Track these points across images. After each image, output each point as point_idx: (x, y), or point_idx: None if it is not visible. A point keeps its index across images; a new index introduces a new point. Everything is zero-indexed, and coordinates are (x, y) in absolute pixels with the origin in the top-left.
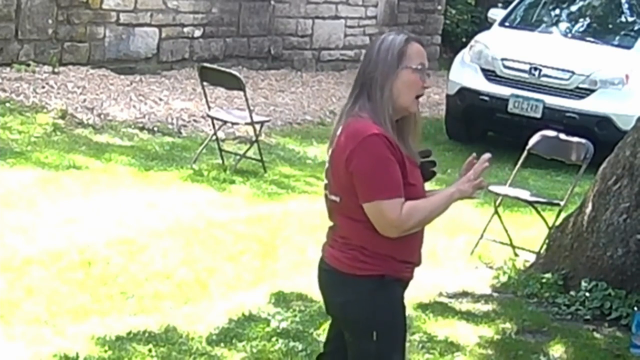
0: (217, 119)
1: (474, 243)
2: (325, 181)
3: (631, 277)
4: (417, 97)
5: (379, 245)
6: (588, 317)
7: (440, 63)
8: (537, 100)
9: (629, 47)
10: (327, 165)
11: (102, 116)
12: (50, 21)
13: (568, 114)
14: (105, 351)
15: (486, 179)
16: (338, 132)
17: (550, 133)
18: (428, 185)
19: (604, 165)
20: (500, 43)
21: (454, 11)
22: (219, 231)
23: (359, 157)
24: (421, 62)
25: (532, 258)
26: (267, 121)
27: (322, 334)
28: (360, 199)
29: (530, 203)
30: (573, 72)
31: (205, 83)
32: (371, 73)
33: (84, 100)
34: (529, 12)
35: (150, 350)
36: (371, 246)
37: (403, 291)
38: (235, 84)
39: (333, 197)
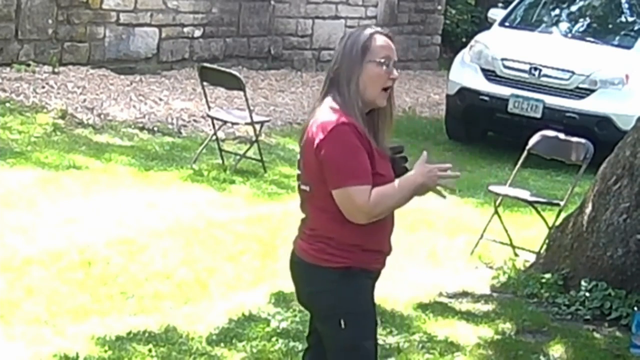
0: (217, 119)
1: (474, 243)
2: (298, 172)
3: (631, 277)
4: (385, 89)
5: (345, 235)
6: (588, 317)
7: (440, 63)
8: (537, 100)
9: (629, 47)
10: (299, 156)
11: (102, 116)
12: (50, 21)
13: (568, 114)
14: (105, 351)
15: (486, 179)
16: (310, 123)
17: (550, 133)
18: None
19: (604, 165)
20: (500, 43)
21: (454, 11)
22: (219, 231)
23: (329, 145)
24: (386, 54)
25: (532, 258)
26: (267, 121)
27: None
28: (329, 186)
29: (530, 203)
30: (573, 72)
31: (205, 83)
32: (339, 69)
33: (84, 100)
34: (529, 12)
35: (150, 350)
36: (338, 237)
37: (373, 282)
38: (235, 84)
39: (304, 187)
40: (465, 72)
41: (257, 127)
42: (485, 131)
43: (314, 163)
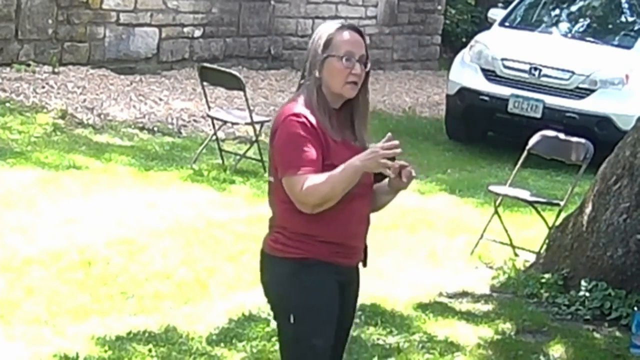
0: (217, 119)
1: (474, 243)
2: None
3: (631, 277)
4: (353, 83)
5: (298, 225)
6: (588, 317)
7: (440, 63)
8: (537, 100)
9: (629, 47)
10: None
11: (102, 116)
12: (50, 21)
13: (568, 114)
14: (105, 351)
15: (486, 179)
16: None
17: (550, 133)
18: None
19: (604, 165)
20: (500, 43)
21: (454, 11)
22: (219, 231)
23: (278, 136)
24: (349, 50)
25: (532, 258)
26: (267, 121)
27: None
28: (279, 176)
29: (530, 203)
30: (573, 72)
31: (205, 83)
32: (305, 62)
33: (84, 100)
34: (529, 12)
35: (150, 350)
36: (291, 226)
37: (340, 277)
38: (235, 84)
39: (270, 178)
40: (465, 72)
41: (257, 127)
42: (485, 131)
43: (272, 154)
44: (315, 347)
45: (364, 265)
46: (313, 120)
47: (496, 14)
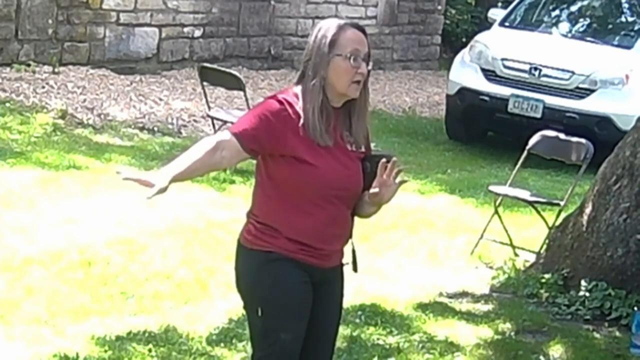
0: (217, 119)
1: (474, 243)
2: None
3: (631, 277)
4: (357, 82)
5: (267, 215)
6: (588, 317)
7: (440, 63)
8: (537, 100)
9: (629, 47)
10: None
11: (102, 116)
12: (50, 21)
13: (568, 114)
14: (105, 351)
15: (486, 179)
16: None
17: (550, 133)
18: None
19: (604, 165)
20: (500, 43)
21: (454, 11)
22: (219, 231)
23: (254, 107)
24: (355, 48)
25: (532, 258)
26: None
27: None
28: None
29: (530, 203)
30: (573, 72)
31: (205, 83)
32: (307, 62)
33: (84, 100)
34: (529, 12)
35: (150, 350)
36: (261, 215)
37: (311, 275)
38: (235, 84)
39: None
40: (465, 72)
41: None
42: (485, 131)
43: None
44: (283, 341)
45: (354, 269)
46: (293, 110)
47: (496, 14)
